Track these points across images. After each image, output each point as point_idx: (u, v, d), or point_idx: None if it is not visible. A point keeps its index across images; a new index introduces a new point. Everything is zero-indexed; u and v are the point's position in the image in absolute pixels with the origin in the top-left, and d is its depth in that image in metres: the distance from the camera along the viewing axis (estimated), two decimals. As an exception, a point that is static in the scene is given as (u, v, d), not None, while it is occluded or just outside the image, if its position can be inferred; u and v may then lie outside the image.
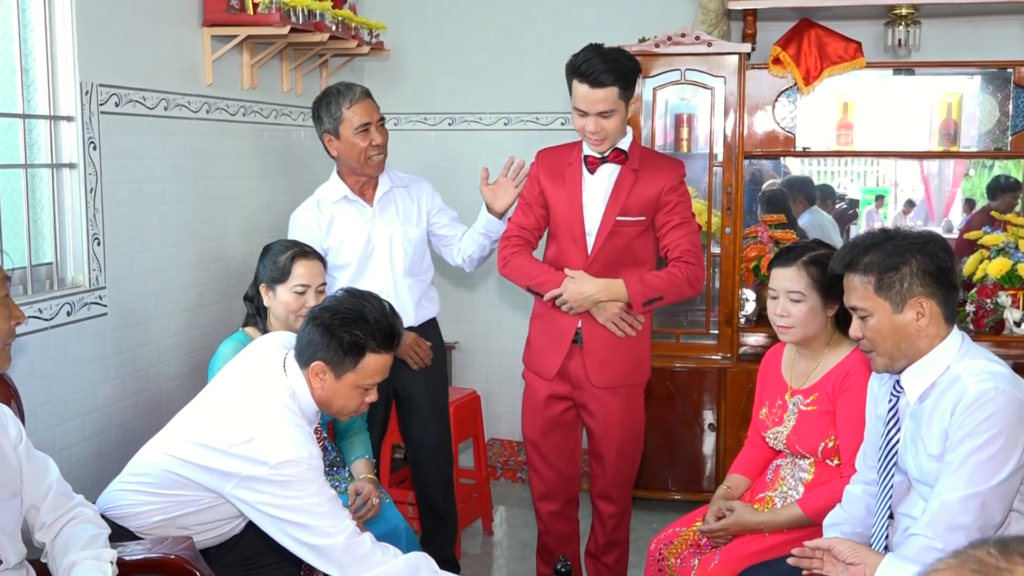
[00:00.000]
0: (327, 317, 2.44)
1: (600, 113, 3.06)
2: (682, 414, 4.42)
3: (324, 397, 2.48)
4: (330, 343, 2.42)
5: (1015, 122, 4.43)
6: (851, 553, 2.16)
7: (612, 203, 3.16)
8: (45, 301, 2.95)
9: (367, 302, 2.48)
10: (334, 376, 2.45)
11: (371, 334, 2.43)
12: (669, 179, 3.18)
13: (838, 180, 4.94)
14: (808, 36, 4.36)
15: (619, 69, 3.05)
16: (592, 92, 3.04)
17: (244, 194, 3.99)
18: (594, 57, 3.04)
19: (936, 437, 2.20)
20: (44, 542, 2.23)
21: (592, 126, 3.09)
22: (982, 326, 4.23)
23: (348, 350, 2.42)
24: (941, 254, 2.22)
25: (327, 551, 2.33)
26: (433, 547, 3.66)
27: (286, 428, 2.38)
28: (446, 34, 5.01)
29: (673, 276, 3.13)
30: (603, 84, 3.03)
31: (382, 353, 2.46)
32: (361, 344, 2.42)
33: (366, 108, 3.45)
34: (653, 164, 3.22)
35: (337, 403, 2.50)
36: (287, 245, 3.16)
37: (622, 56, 3.10)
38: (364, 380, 2.47)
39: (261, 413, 2.40)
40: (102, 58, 3.15)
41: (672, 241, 3.17)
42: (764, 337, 4.50)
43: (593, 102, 3.05)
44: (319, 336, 2.43)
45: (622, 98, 3.08)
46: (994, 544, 0.87)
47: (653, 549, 2.91)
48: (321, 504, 2.34)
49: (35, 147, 3.05)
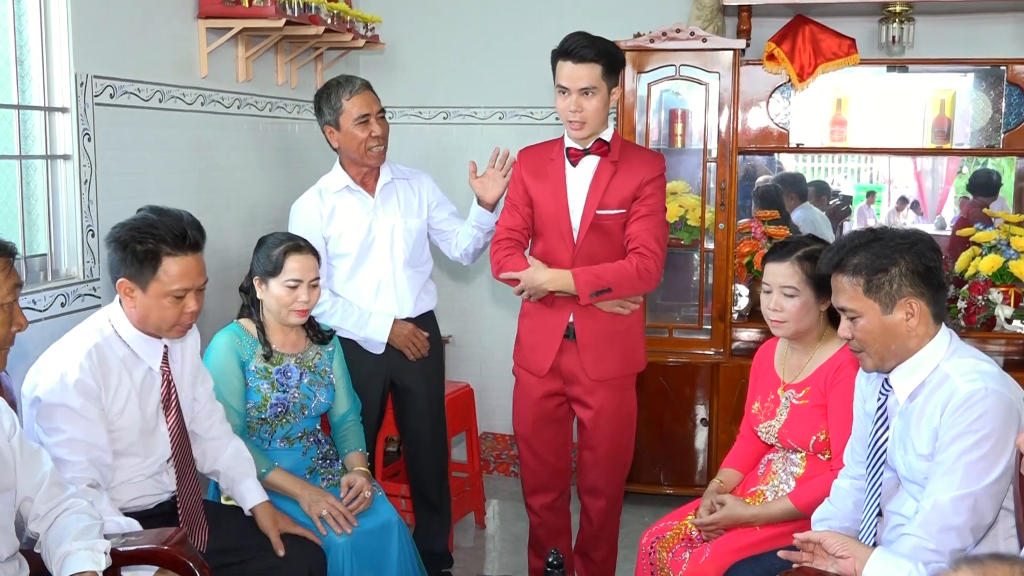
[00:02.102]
0: (119, 232, 2.50)
1: (582, 90, 3.05)
2: (675, 409, 4.43)
3: (139, 315, 2.52)
4: (125, 256, 2.47)
5: (1007, 119, 4.45)
6: (841, 546, 2.17)
7: (591, 197, 3.14)
8: (39, 292, 2.95)
9: (161, 214, 2.53)
10: (141, 290, 2.49)
11: (161, 239, 2.47)
12: (648, 172, 3.15)
13: (831, 176, 4.95)
14: (802, 33, 4.37)
15: (603, 47, 3.07)
16: (575, 68, 3.05)
17: (239, 186, 3.99)
18: (580, 36, 3.08)
19: (925, 437, 2.21)
20: (38, 533, 2.24)
21: (573, 104, 3.07)
22: (973, 323, 4.24)
23: (143, 258, 2.46)
24: (929, 253, 2.23)
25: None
26: (427, 540, 3.68)
27: (62, 351, 2.48)
28: (441, 28, 5.01)
29: (623, 268, 3.09)
30: (586, 59, 3.04)
31: (179, 255, 2.48)
32: (154, 250, 2.46)
33: (366, 99, 3.46)
34: (633, 157, 3.19)
35: (153, 318, 2.52)
36: (281, 239, 3.16)
37: (607, 41, 3.13)
38: (170, 286, 2.49)
39: (58, 345, 2.51)
40: (97, 49, 3.15)
41: (633, 231, 3.13)
42: (757, 332, 4.52)
43: (576, 78, 3.05)
44: (116, 253, 2.49)
45: (605, 79, 3.08)
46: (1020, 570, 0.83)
47: (644, 543, 2.92)
48: (56, 432, 2.39)
49: (30, 138, 3.05)
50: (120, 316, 2.56)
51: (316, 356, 3.19)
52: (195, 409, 2.81)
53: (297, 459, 3.10)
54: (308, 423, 3.14)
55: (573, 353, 3.20)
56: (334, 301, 3.48)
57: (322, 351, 3.21)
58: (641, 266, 3.08)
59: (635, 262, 3.09)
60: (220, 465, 2.83)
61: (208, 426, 2.85)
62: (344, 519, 2.93)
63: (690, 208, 4.47)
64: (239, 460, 2.84)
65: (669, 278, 4.87)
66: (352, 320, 3.48)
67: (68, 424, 2.41)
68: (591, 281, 3.08)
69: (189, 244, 2.50)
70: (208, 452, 2.84)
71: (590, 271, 3.09)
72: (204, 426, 2.84)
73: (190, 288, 2.52)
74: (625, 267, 3.09)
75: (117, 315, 2.57)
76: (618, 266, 3.10)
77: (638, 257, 3.09)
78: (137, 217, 2.55)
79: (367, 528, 2.98)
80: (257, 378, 3.05)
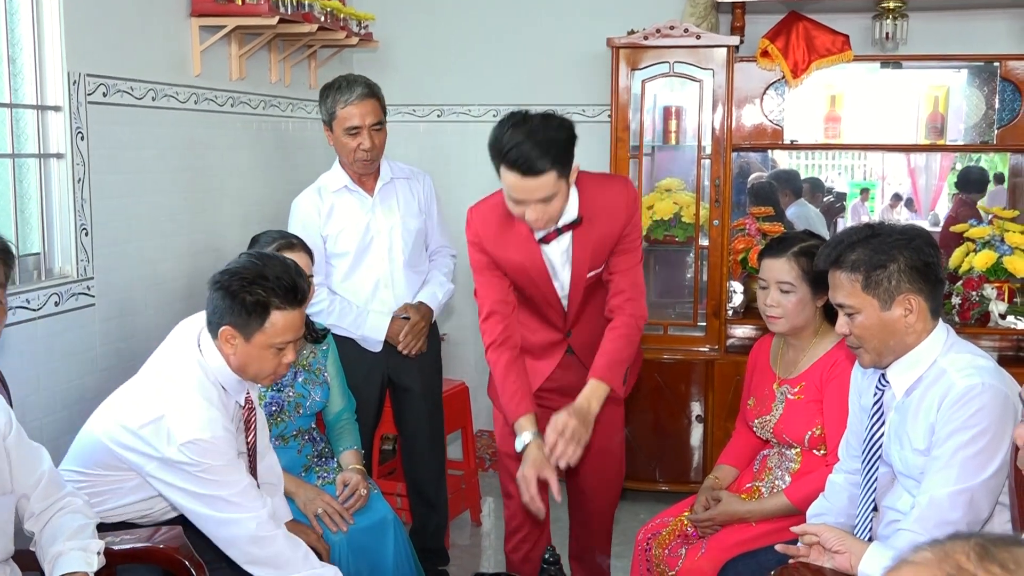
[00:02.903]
0: (227, 280, 2.43)
1: (540, 199, 2.64)
2: (670, 406, 4.43)
3: (238, 363, 2.47)
4: (233, 305, 2.41)
5: (1001, 115, 4.46)
6: (837, 541, 2.18)
7: (577, 265, 2.84)
8: (32, 292, 2.94)
9: (268, 261, 2.48)
10: (244, 339, 2.44)
11: (272, 291, 2.42)
12: (624, 212, 2.83)
13: (826, 174, 4.96)
14: (796, 29, 4.37)
15: (554, 150, 2.59)
16: (526, 182, 2.60)
17: (233, 185, 3.98)
18: (523, 142, 2.56)
19: (922, 432, 2.20)
20: (33, 531, 2.23)
21: (532, 213, 2.66)
22: (968, 318, 4.25)
23: (252, 310, 2.41)
24: (927, 249, 2.22)
25: (232, 539, 2.36)
26: (423, 537, 3.68)
27: (194, 407, 2.38)
28: (435, 26, 5.01)
29: (630, 337, 2.84)
30: (538, 172, 2.58)
31: (287, 310, 2.44)
32: (264, 302, 2.42)
33: (361, 111, 3.39)
34: (602, 200, 2.82)
35: (253, 367, 2.48)
36: (274, 236, 3.14)
37: (552, 129, 2.62)
38: (275, 339, 2.45)
39: (171, 390, 2.41)
40: (90, 48, 3.14)
41: (619, 284, 2.87)
42: (752, 329, 4.52)
43: (528, 191, 2.62)
44: (222, 300, 2.43)
45: (561, 177, 2.63)
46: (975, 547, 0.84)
47: (640, 539, 2.93)
48: (228, 487, 2.36)
49: (22, 137, 3.04)
50: (221, 364, 2.48)
51: (311, 355, 3.18)
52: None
53: (292, 457, 3.10)
54: (303, 421, 3.14)
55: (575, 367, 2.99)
56: (331, 299, 3.48)
57: (316, 350, 3.21)
58: (640, 316, 2.87)
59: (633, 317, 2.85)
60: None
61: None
62: (340, 517, 2.93)
63: (684, 205, 4.47)
64: (269, 476, 2.78)
65: (664, 275, 4.88)
66: (350, 319, 3.47)
67: (238, 474, 2.41)
68: (618, 374, 2.83)
69: (299, 298, 2.47)
70: None
71: (610, 366, 2.80)
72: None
73: (292, 340, 2.49)
74: (631, 335, 2.84)
75: (218, 364, 2.48)
76: (625, 337, 2.83)
77: (633, 306, 2.86)
78: (245, 264, 2.47)
79: (363, 526, 2.98)
80: (252, 377, 3.03)
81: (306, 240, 3.21)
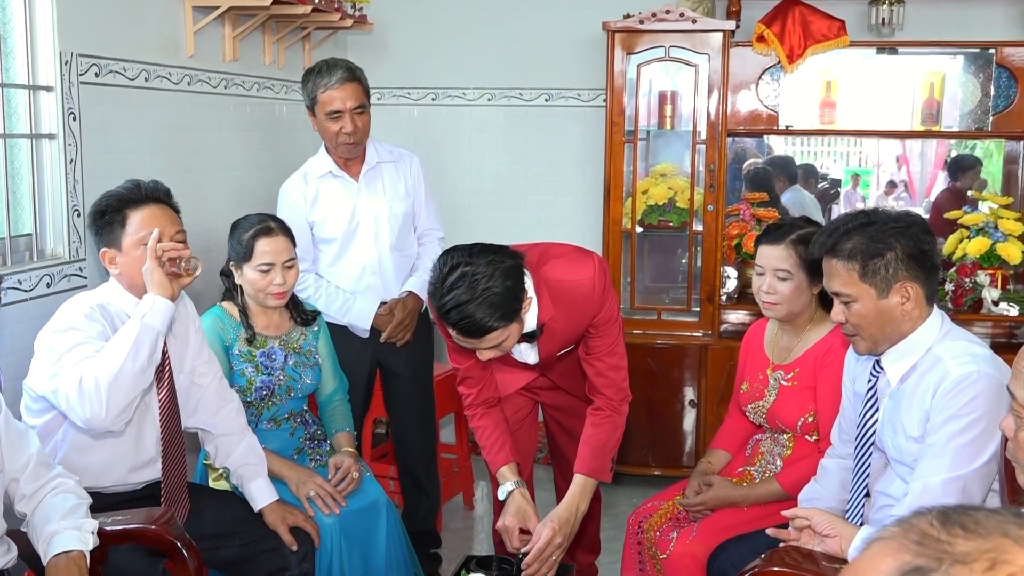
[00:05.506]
0: (89, 215, 2.61)
1: (491, 347, 2.46)
2: (663, 390, 4.44)
3: (127, 277, 2.56)
4: (95, 224, 2.57)
5: (996, 102, 4.45)
6: (827, 525, 2.18)
7: (545, 353, 2.72)
8: (24, 272, 2.93)
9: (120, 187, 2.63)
10: (118, 251, 2.55)
11: (119, 197, 2.56)
12: (591, 308, 2.64)
13: (821, 160, 4.96)
14: (792, 14, 4.36)
15: (503, 307, 2.36)
16: (472, 341, 2.42)
17: (226, 167, 3.97)
18: (467, 302, 2.33)
19: (916, 418, 2.20)
20: (25, 513, 2.23)
21: (484, 355, 2.48)
22: (961, 305, 4.26)
23: (110, 218, 2.54)
24: (923, 236, 2.21)
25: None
26: (415, 520, 3.68)
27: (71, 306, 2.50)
28: (430, 8, 4.98)
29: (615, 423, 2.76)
30: (487, 332, 2.38)
31: (142, 206, 2.55)
32: (115, 207, 2.54)
33: (341, 94, 3.35)
34: (568, 297, 2.61)
35: (139, 275, 2.50)
36: (252, 222, 3.07)
37: (499, 277, 2.36)
38: (140, 232, 2.52)
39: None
40: (82, 28, 3.12)
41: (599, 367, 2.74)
42: (745, 314, 4.53)
43: (478, 344, 2.43)
44: (91, 226, 2.60)
45: (515, 322, 2.44)
46: (936, 515, 0.88)
47: (632, 522, 2.93)
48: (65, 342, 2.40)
49: (14, 117, 3.02)
50: (115, 288, 2.58)
51: (301, 337, 3.17)
52: (195, 396, 2.74)
53: (284, 440, 3.09)
54: (295, 404, 3.13)
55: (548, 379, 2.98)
56: (318, 285, 3.47)
57: (307, 331, 3.19)
58: (622, 399, 2.78)
59: (615, 401, 2.77)
60: (231, 463, 2.79)
61: (219, 421, 2.78)
62: (332, 499, 2.92)
63: (679, 190, 4.47)
64: (250, 458, 2.79)
65: (658, 260, 4.88)
66: (336, 305, 3.46)
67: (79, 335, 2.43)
68: (603, 465, 2.76)
69: (146, 193, 2.58)
70: (220, 448, 2.79)
71: (595, 459, 2.73)
72: (214, 420, 2.78)
73: (164, 232, 2.53)
74: (615, 420, 2.77)
75: (111, 288, 2.58)
76: (609, 424, 2.76)
77: (614, 390, 2.76)
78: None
79: (355, 508, 2.98)
80: (241, 362, 3.03)
81: (293, 227, 3.16)
